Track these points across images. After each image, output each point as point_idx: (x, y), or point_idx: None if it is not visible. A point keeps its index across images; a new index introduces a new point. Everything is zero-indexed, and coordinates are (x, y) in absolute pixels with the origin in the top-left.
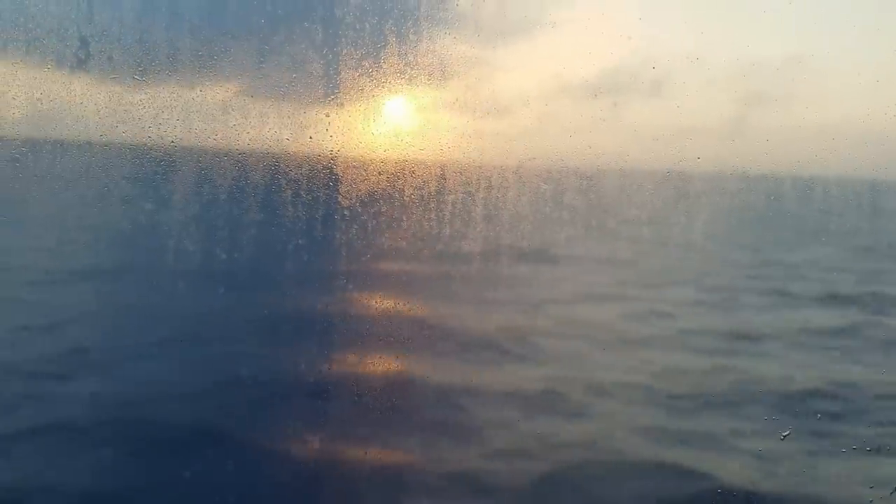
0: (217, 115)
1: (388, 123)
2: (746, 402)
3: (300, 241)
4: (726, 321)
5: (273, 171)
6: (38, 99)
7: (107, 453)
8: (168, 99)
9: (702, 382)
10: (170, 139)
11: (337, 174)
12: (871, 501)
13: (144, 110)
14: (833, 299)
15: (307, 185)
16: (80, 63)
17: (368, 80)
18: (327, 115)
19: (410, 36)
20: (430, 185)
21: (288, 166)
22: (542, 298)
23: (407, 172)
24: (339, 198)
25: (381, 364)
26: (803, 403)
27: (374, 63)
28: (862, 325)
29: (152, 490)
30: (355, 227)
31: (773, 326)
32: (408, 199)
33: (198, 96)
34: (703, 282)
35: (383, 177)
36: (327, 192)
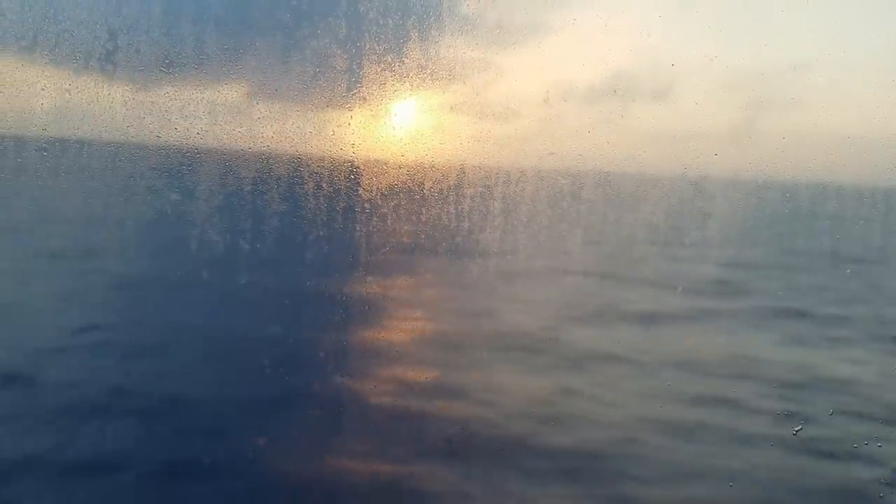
0: (241, 108)
1: (399, 127)
2: (502, 359)
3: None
4: (569, 304)
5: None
6: (66, 90)
7: None
8: (193, 92)
9: (483, 346)
10: (195, 131)
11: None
12: (881, 496)
13: (171, 103)
14: (694, 291)
15: (328, 180)
16: (107, 57)
17: (378, 86)
18: (352, 117)
19: (424, 40)
20: (404, 185)
21: (310, 161)
22: (423, 283)
23: (396, 173)
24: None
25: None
26: (556, 364)
27: (386, 68)
28: (698, 311)
29: None
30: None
31: (609, 309)
32: (378, 194)
33: (220, 92)
34: (596, 272)
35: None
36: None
